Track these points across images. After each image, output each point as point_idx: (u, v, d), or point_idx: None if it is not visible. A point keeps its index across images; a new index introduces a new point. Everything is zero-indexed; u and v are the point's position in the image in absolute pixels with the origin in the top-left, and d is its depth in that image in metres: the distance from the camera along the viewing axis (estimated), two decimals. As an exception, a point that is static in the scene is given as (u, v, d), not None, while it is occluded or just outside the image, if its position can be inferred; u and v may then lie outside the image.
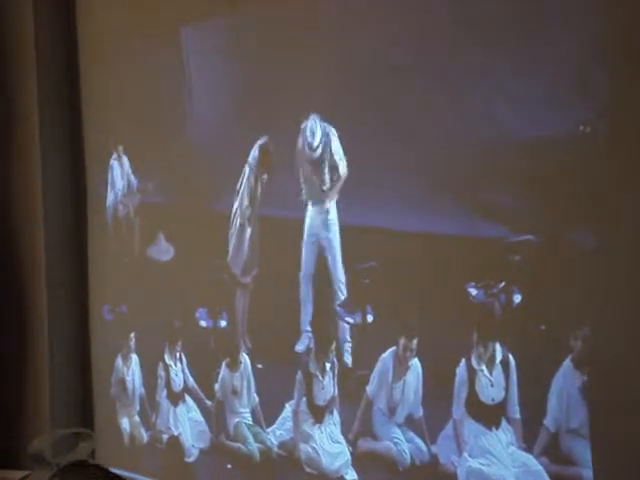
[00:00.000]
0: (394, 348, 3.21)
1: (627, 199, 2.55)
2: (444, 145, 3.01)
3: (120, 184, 4.50)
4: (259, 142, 3.73)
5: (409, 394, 3.19)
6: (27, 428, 4.71)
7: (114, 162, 4.52)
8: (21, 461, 4.27)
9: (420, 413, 3.14)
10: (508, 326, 2.87)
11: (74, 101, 4.71)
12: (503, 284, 2.85)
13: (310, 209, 3.49)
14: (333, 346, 3.44)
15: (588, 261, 2.62)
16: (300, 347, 3.54)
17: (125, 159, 4.47)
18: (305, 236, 3.50)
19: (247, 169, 3.78)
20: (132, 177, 4.44)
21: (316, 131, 3.43)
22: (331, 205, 3.41)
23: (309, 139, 3.45)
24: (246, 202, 3.79)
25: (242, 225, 3.82)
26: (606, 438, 2.61)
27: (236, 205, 3.82)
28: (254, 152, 3.76)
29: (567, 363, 2.69)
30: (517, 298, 2.82)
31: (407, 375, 3.19)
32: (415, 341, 3.15)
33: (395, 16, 3.16)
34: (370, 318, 3.30)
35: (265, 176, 3.73)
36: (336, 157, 3.38)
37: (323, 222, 3.44)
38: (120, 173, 4.50)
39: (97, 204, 4.65)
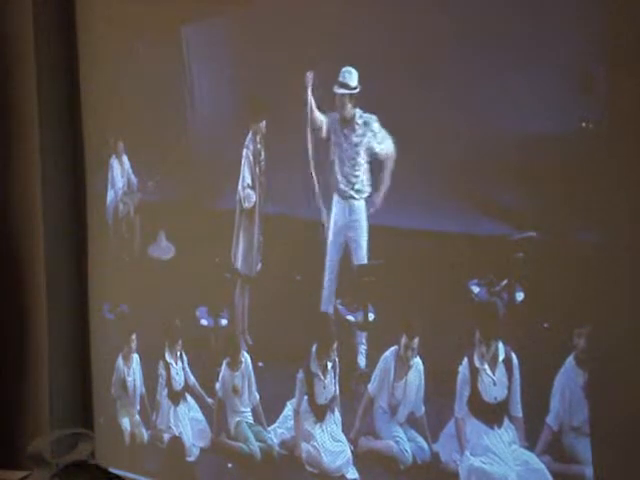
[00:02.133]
0: (396, 347, 3.20)
1: (629, 196, 2.54)
2: (446, 143, 3.01)
3: (120, 183, 4.50)
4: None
5: (410, 393, 3.18)
6: (27, 428, 4.71)
7: (114, 161, 4.52)
8: (21, 461, 4.26)
9: (422, 411, 3.14)
10: (510, 324, 2.87)
11: (74, 100, 4.71)
12: (505, 282, 2.84)
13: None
14: (335, 345, 3.43)
15: (591, 258, 2.62)
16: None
17: (125, 158, 4.47)
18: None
19: (245, 151, 3.79)
20: (132, 176, 4.44)
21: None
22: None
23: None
24: (248, 181, 3.79)
25: (247, 217, 3.81)
26: (608, 436, 2.61)
27: (239, 188, 3.82)
28: (249, 136, 3.77)
29: (569, 361, 2.69)
30: (520, 296, 2.81)
31: (409, 374, 3.18)
32: (416, 340, 3.15)
33: (396, 16, 3.16)
34: (371, 316, 3.30)
35: (263, 156, 3.74)
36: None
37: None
38: (120, 172, 4.50)
39: (97, 204, 4.64)
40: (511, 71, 2.82)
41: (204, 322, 4.02)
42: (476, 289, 2.92)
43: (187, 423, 4.10)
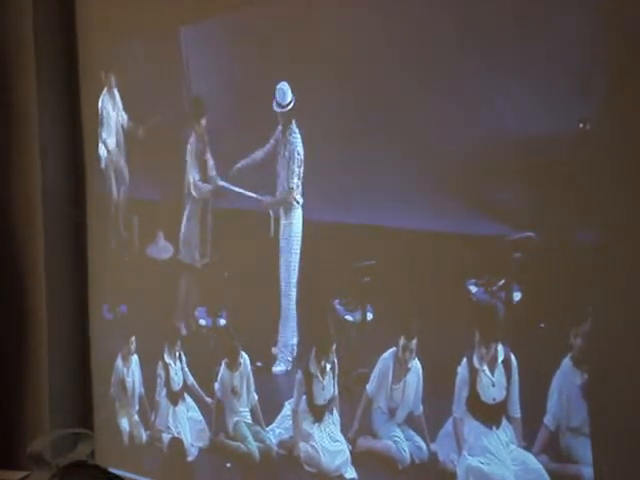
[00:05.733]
0: (394, 349, 3.20)
1: (627, 196, 2.54)
2: (444, 143, 3.01)
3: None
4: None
5: (409, 396, 3.18)
6: (27, 428, 4.71)
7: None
8: (21, 461, 4.26)
9: (420, 411, 3.14)
10: (508, 324, 2.87)
11: (74, 101, 4.71)
12: (503, 281, 2.84)
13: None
14: (333, 347, 3.43)
15: (588, 258, 2.62)
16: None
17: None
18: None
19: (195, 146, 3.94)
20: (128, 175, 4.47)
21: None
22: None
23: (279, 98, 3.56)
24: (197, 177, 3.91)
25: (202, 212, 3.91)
26: (606, 436, 2.61)
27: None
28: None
29: (567, 361, 2.69)
30: (517, 296, 2.81)
31: (407, 376, 3.18)
32: (415, 341, 3.15)
33: (395, 15, 3.16)
34: (370, 316, 3.30)
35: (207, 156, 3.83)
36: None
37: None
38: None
39: (97, 204, 4.65)
40: (510, 70, 2.82)
41: (203, 322, 4.03)
42: (474, 289, 2.92)
43: (186, 423, 4.11)
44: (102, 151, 4.56)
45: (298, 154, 3.52)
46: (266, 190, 3.66)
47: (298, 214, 3.55)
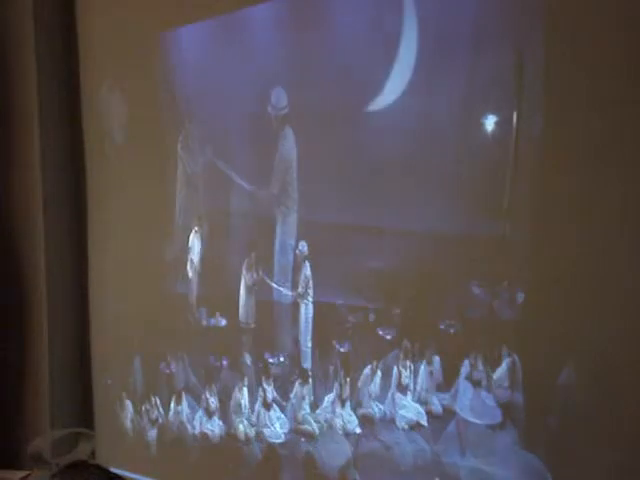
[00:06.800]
0: (397, 351, 3.20)
1: (628, 197, 2.55)
2: (445, 144, 3.01)
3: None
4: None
5: (412, 399, 3.18)
6: (27, 428, 4.71)
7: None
8: (21, 461, 4.27)
9: (423, 412, 3.14)
10: (511, 326, 2.87)
11: (74, 99, 4.71)
12: (506, 283, 2.85)
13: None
14: (336, 349, 3.43)
15: (590, 259, 2.62)
16: None
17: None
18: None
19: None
20: None
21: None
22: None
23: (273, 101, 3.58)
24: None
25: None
26: (608, 437, 2.61)
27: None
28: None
29: (569, 363, 2.69)
30: (520, 297, 2.82)
31: (410, 378, 3.18)
32: (417, 345, 3.15)
33: (395, 16, 3.16)
34: (372, 317, 3.30)
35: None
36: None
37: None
38: None
39: (97, 203, 4.65)
40: (510, 70, 2.83)
41: (204, 322, 4.03)
42: (477, 291, 2.92)
43: (188, 423, 4.11)
44: (106, 147, 4.58)
45: (286, 160, 3.52)
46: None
47: (292, 220, 3.54)
